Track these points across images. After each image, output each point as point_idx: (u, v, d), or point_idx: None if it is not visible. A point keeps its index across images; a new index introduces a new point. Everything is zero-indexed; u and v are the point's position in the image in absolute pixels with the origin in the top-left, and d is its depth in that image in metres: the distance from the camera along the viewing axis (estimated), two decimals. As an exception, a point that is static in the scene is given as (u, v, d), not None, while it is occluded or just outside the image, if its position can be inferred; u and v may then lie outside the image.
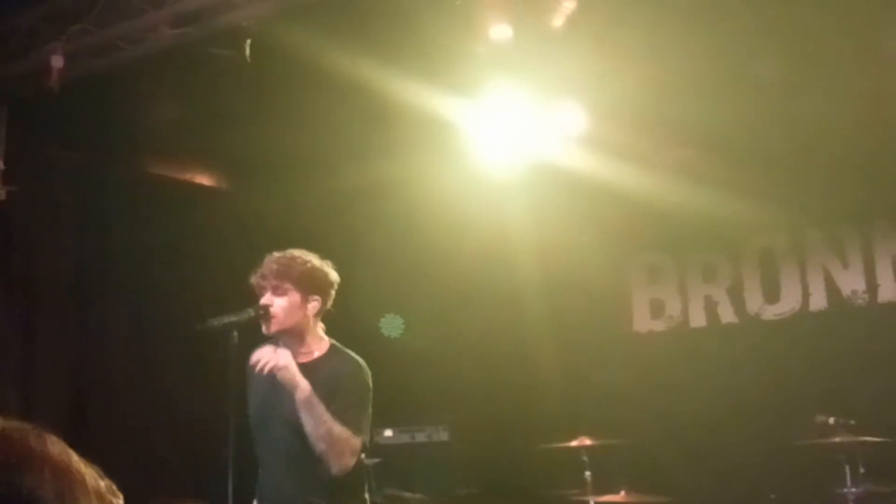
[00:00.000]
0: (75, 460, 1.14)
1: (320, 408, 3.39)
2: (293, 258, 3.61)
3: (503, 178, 6.10)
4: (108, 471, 1.20)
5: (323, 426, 3.37)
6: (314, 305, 3.60)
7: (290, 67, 5.23)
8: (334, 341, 3.68)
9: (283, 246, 3.71)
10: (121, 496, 1.18)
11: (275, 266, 3.58)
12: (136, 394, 6.26)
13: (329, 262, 3.69)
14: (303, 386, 3.39)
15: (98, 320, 6.28)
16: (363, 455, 3.52)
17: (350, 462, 3.41)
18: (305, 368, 3.60)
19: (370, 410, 3.58)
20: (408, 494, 5.88)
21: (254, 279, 3.62)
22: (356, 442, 3.42)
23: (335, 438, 3.38)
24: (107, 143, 6.16)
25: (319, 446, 3.37)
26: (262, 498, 3.61)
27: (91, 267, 6.29)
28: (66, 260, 6.19)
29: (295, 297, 3.56)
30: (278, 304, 3.54)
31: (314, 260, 3.65)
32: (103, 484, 1.15)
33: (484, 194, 6.30)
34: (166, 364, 6.29)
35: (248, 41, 4.77)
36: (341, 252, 4.16)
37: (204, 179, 7.06)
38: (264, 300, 3.56)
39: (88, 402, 6.09)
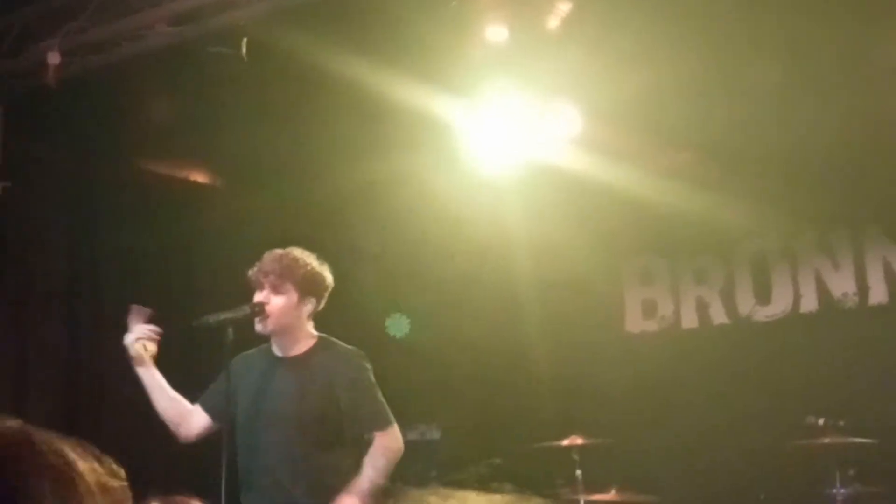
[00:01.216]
0: (72, 458, 1.11)
1: (370, 478, 3.50)
2: (296, 259, 3.62)
3: (498, 179, 6.13)
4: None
5: (384, 472, 3.54)
6: (309, 308, 3.62)
7: (287, 67, 5.25)
8: (323, 334, 3.70)
9: (277, 245, 3.72)
10: (122, 472, 1.16)
11: (277, 265, 3.59)
12: (129, 392, 6.25)
13: (327, 266, 3.70)
14: (366, 488, 3.49)
15: (90, 319, 6.27)
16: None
17: (401, 447, 3.61)
18: (296, 361, 3.62)
19: (380, 392, 3.63)
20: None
21: (253, 273, 3.62)
22: (393, 438, 3.58)
23: (392, 461, 3.56)
24: (101, 142, 6.15)
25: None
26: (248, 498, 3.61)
27: (83, 266, 6.29)
28: (58, 259, 6.18)
29: (293, 297, 3.57)
30: (275, 303, 3.55)
31: (314, 262, 3.66)
32: (103, 469, 1.13)
33: (479, 195, 6.32)
34: (160, 362, 6.28)
35: (245, 40, 4.79)
36: (337, 252, 4.18)
37: (198, 178, 7.06)
38: (260, 297, 3.56)
39: (81, 402, 6.09)
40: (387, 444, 3.54)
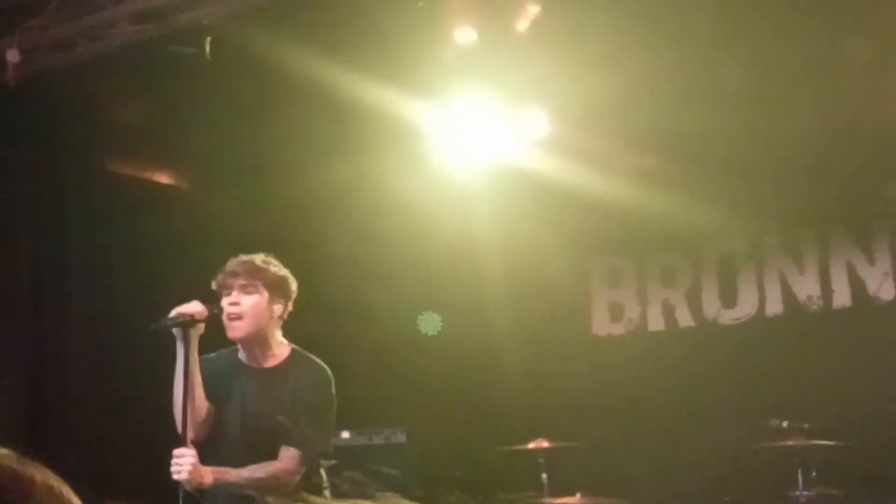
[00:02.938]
0: (58, 484, 1.12)
1: (253, 472, 3.42)
2: (264, 261, 3.60)
3: (466, 181, 6.12)
4: (65, 473, 1.19)
5: (255, 484, 3.41)
6: (277, 309, 3.58)
7: (253, 68, 5.21)
8: (295, 346, 3.67)
9: (244, 248, 3.70)
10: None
11: (245, 267, 3.55)
12: (94, 395, 6.18)
13: (289, 272, 3.68)
14: (232, 478, 3.40)
15: (55, 322, 6.18)
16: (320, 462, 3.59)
17: (294, 479, 3.46)
18: (270, 374, 3.58)
19: (333, 420, 3.62)
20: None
21: (220, 278, 3.56)
22: (294, 466, 3.46)
23: (272, 480, 3.42)
24: (65, 142, 6.06)
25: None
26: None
27: (48, 267, 6.19)
28: (23, 260, 6.08)
29: (265, 296, 3.53)
30: (247, 303, 3.49)
31: (280, 266, 3.64)
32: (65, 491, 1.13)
33: (447, 197, 6.31)
34: (125, 365, 6.21)
35: (209, 39, 4.73)
36: (304, 255, 4.15)
37: (164, 180, 6.98)
38: (231, 299, 3.51)
39: (46, 404, 6.00)
40: (286, 468, 3.46)
